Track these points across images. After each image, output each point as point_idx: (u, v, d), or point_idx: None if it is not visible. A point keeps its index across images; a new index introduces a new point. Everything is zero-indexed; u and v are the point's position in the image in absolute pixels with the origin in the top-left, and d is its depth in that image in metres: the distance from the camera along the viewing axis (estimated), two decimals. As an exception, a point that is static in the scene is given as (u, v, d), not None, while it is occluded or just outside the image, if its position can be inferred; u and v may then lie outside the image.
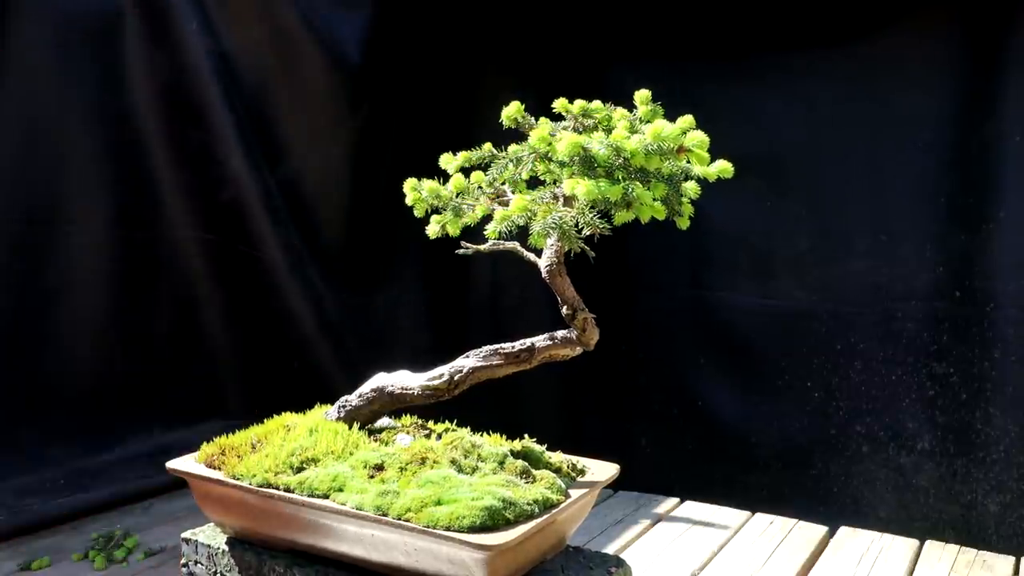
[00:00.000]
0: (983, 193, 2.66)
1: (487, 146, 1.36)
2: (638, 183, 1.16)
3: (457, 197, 1.39)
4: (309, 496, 1.28)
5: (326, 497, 1.27)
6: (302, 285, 3.27)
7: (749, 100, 3.02)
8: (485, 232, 1.30)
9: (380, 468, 1.30)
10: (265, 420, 1.54)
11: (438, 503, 1.19)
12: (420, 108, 3.42)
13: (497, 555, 1.13)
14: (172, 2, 2.87)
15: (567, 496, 1.29)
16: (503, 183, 1.35)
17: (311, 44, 3.29)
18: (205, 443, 1.48)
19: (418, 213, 1.44)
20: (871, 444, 2.85)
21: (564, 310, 1.33)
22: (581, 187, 1.14)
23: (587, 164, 1.17)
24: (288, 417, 1.53)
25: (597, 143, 1.17)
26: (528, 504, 1.21)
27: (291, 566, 1.34)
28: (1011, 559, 2.53)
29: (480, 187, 1.36)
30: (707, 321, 3.15)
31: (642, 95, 1.32)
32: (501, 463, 1.31)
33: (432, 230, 1.44)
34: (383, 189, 3.37)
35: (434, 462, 1.29)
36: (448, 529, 1.15)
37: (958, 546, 2.61)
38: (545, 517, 1.22)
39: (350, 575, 1.30)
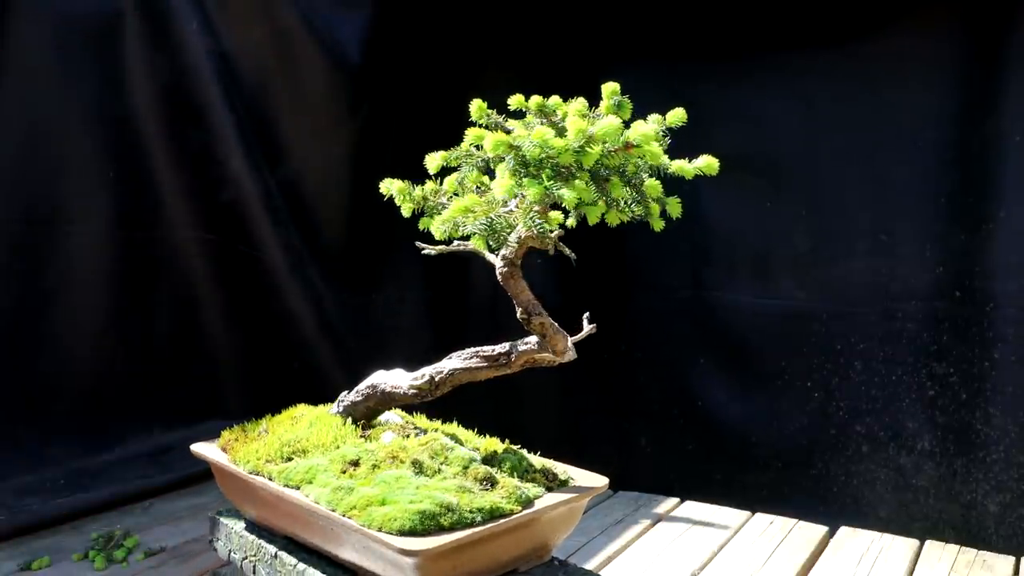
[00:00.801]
0: (983, 192, 2.65)
1: (464, 145, 1.35)
2: (576, 183, 1.13)
3: (450, 197, 1.39)
4: (284, 486, 1.29)
5: (298, 488, 1.28)
6: (302, 285, 3.27)
7: (748, 99, 3.02)
8: (435, 233, 1.29)
9: (355, 464, 1.30)
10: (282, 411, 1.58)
11: (382, 503, 1.18)
12: (420, 108, 3.42)
13: (428, 560, 1.11)
14: (172, 3, 2.88)
15: (528, 506, 1.26)
16: (500, 183, 1.35)
17: (311, 45, 3.29)
18: (227, 429, 1.52)
19: (405, 213, 1.44)
20: (871, 444, 2.85)
21: (519, 313, 1.30)
22: (500, 187, 1.12)
23: (523, 163, 1.14)
24: (300, 408, 1.57)
25: (528, 142, 1.14)
26: (471, 512, 1.18)
27: (280, 552, 1.36)
28: (1011, 559, 2.53)
29: (478, 187, 1.36)
30: (707, 321, 3.14)
31: (609, 88, 1.29)
32: (465, 467, 1.29)
33: (435, 231, 1.43)
34: (383, 189, 3.37)
35: (400, 462, 1.29)
36: (380, 530, 1.14)
37: (958, 546, 2.61)
38: (488, 526, 1.19)
39: (327, 568, 1.31)
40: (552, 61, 3.29)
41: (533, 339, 1.32)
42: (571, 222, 1.30)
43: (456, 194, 1.38)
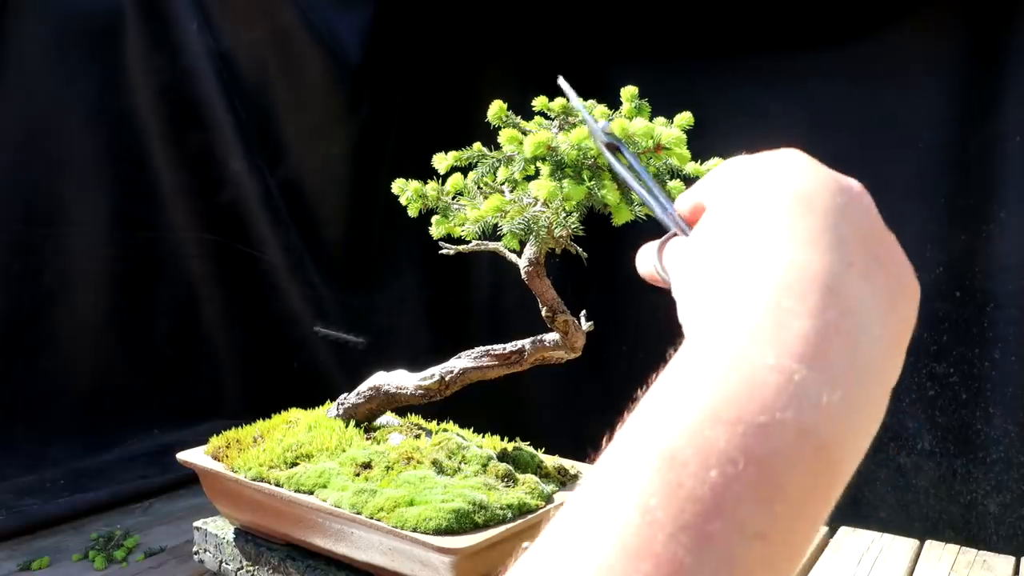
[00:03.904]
0: (983, 193, 2.65)
1: (476, 145, 1.34)
2: (610, 184, 1.14)
3: (454, 197, 1.38)
4: (296, 492, 1.28)
5: (311, 493, 1.27)
6: (302, 285, 3.27)
7: (748, 98, 3.02)
8: (462, 232, 1.28)
9: (367, 466, 1.30)
10: (273, 416, 1.56)
11: (410, 504, 1.18)
12: (420, 107, 3.42)
13: (464, 559, 1.11)
14: (172, 3, 2.88)
15: (549, 501, 1.27)
16: (503, 183, 1.34)
17: (311, 43, 3.29)
18: (214, 435, 1.50)
19: (412, 213, 1.43)
20: (871, 444, 2.84)
21: (544, 312, 1.30)
22: (543, 189, 1.12)
23: (558, 164, 1.15)
24: (293, 413, 1.55)
25: (565, 143, 1.14)
26: (501, 508, 1.19)
27: (285, 560, 1.35)
28: (1011, 559, 2.53)
29: (480, 187, 1.35)
30: (707, 321, 3.14)
31: (628, 91, 1.30)
32: (484, 466, 1.30)
33: (434, 231, 1.43)
34: (383, 189, 3.37)
35: (418, 462, 1.29)
36: (415, 531, 1.14)
37: (958, 546, 2.61)
38: (518, 522, 1.19)
39: (339, 572, 1.30)
40: (552, 60, 3.29)
41: (548, 336, 1.33)
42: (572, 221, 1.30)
43: (460, 193, 1.38)
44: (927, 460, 2.76)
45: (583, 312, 1.38)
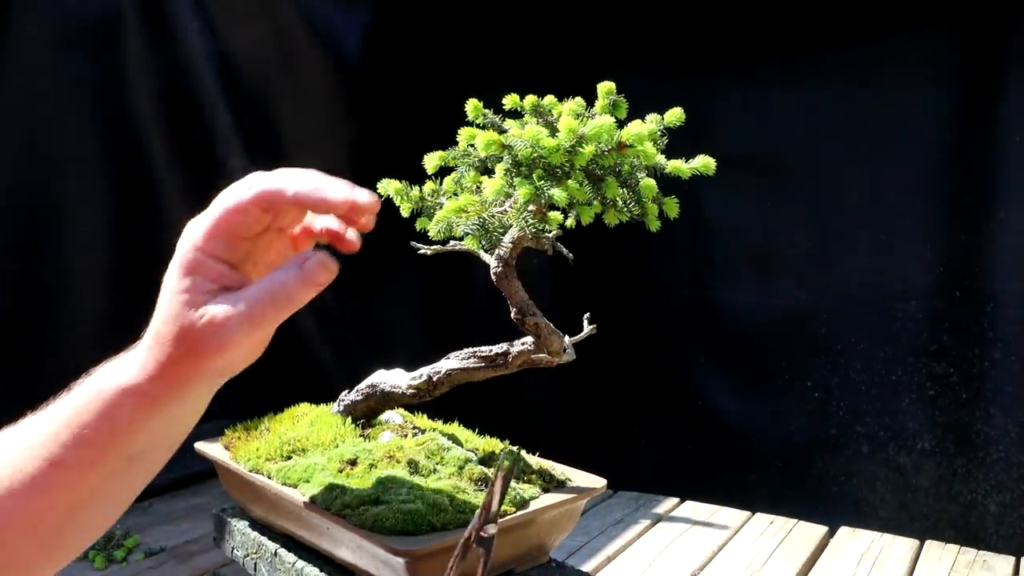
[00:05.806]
0: (983, 193, 2.65)
1: (461, 144, 1.34)
2: (569, 183, 1.12)
3: (449, 198, 1.38)
4: (282, 484, 1.29)
5: (295, 487, 1.28)
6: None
7: (749, 100, 3.02)
8: (429, 233, 1.28)
9: (353, 463, 1.30)
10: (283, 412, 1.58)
11: (376, 502, 1.18)
12: (420, 108, 3.42)
13: (417, 561, 1.11)
14: (172, 2, 2.88)
15: (523, 507, 1.27)
16: (497, 182, 1.34)
17: (311, 44, 3.29)
18: (228, 428, 1.53)
19: (404, 213, 1.43)
20: (871, 444, 2.85)
21: (513, 314, 1.29)
22: (492, 187, 1.11)
23: (516, 162, 1.14)
24: (302, 407, 1.56)
25: (520, 141, 1.13)
26: (463, 512, 1.19)
27: (279, 550, 1.36)
28: (1011, 559, 2.53)
29: (477, 186, 1.35)
30: (707, 321, 3.14)
31: (604, 87, 1.28)
32: (461, 468, 1.29)
33: (431, 231, 1.42)
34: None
35: (396, 461, 1.29)
36: (372, 530, 1.14)
37: (958, 546, 2.61)
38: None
39: (324, 566, 1.31)
40: (554, 62, 3.29)
41: (530, 339, 1.31)
42: (570, 222, 1.29)
43: (456, 194, 1.38)
44: (927, 460, 2.76)
45: (586, 315, 1.38)
